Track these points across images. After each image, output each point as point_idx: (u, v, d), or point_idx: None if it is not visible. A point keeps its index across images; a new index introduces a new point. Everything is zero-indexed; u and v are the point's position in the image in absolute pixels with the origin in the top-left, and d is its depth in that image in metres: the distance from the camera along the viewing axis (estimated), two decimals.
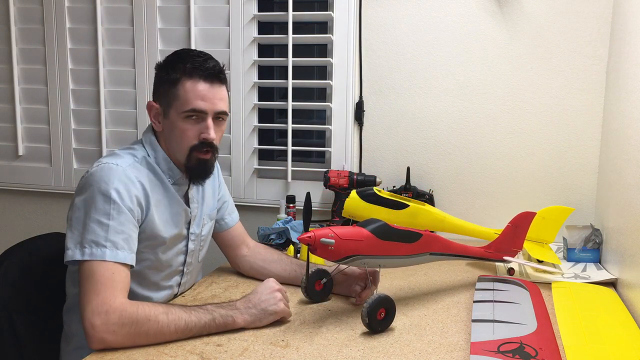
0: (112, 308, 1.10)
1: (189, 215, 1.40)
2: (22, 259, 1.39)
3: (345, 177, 2.00)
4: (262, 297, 1.23)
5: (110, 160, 1.25)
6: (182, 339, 1.15)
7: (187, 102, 1.28)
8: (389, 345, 1.14)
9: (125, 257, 1.18)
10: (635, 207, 1.40)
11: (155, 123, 1.34)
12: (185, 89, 1.28)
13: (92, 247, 1.15)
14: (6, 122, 2.42)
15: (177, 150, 1.33)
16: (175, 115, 1.30)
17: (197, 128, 1.30)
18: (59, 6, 2.29)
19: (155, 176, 1.32)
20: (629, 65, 1.60)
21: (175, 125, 1.30)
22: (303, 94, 2.26)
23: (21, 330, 1.34)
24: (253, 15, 2.14)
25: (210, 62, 1.31)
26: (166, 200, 1.34)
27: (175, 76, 1.29)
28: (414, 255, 1.31)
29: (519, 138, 2.00)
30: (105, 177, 1.21)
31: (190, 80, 1.28)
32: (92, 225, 1.17)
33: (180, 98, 1.29)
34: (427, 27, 2.02)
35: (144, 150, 1.35)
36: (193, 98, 1.28)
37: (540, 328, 1.15)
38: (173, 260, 1.38)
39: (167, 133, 1.33)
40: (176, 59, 1.32)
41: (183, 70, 1.29)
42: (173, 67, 1.30)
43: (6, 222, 2.50)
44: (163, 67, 1.33)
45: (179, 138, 1.31)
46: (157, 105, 1.33)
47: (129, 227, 1.21)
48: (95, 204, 1.19)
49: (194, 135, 1.31)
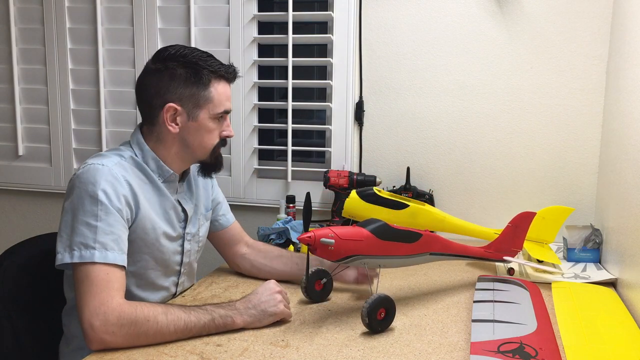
0: (110, 309, 1.10)
1: (182, 214, 1.40)
2: (22, 259, 1.39)
3: (345, 177, 2.00)
4: (263, 298, 1.23)
5: (95, 161, 1.24)
6: (181, 339, 1.15)
7: (220, 104, 1.33)
8: (389, 345, 1.14)
9: (115, 257, 1.17)
10: (635, 207, 1.40)
11: (171, 125, 1.30)
12: (218, 91, 1.32)
13: (81, 249, 1.15)
14: (6, 122, 2.42)
15: (200, 149, 1.35)
16: (207, 116, 1.32)
17: (219, 127, 1.35)
18: (59, 6, 2.29)
19: (144, 174, 1.32)
20: (629, 65, 1.60)
21: (204, 126, 1.32)
22: (303, 94, 2.26)
23: (21, 330, 1.34)
24: (253, 15, 2.14)
25: (226, 64, 1.35)
26: (157, 198, 1.33)
27: (207, 79, 1.30)
28: (414, 255, 1.31)
29: (519, 138, 2.00)
30: (91, 178, 1.20)
31: (220, 82, 1.33)
32: (80, 227, 1.16)
33: (214, 100, 1.31)
34: (427, 27, 2.02)
35: (131, 150, 1.34)
36: (224, 100, 1.34)
37: (540, 328, 1.15)
38: (169, 259, 1.38)
39: (188, 134, 1.32)
40: (195, 59, 1.30)
41: (213, 72, 1.31)
42: (198, 69, 1.29)
43: (6, 222, 2.50)
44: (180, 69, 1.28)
45: (207, 138, 1.34)
46: (179, 108, 1.30)
47: (118, 228, 1.20)
48: (83, 206, 1.18)
49: (218, 134, 1.36)
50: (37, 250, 1.44)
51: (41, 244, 1.47)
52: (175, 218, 1.38)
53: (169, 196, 1.36)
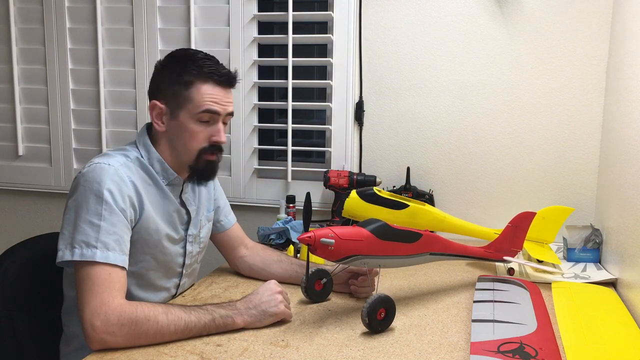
0: (111, 309, 1.10)
1: (185, 217, 1.40)
2: (22, 259, 1.39)
3: (345, 177, 2.00)
4: (263, 299, 1.23)
5: (102, 160, 1.24)
6: (182, 339, 1.15)
7: (201, 105, 1.28)
8: (389, 345, 1.14)
9: (116, 258, 1.17)
10: (635, 207, 1.40)
11: (157, 123, 1.32)
12: (201, 92, 1.28)
13: (82, 247, 1.15)
14: (6, 122, 2.42)
15: (184, 151, 1.32)
16: (187, 117, 1.29)
17: (208, 131, 1.31)
18: (59, 6, 2.29)
19: (148, 176, 1.31)
20: (629, 65, 1.60)
21: (185, 127, 1.30)
22: (303, 94, 2.26)
23: (21, 330, 1.34)
24: (253, 15, 2.14)
25: (223, 67, 1.32)
26: (160, 201, 1.33)
27: (189, 78, 1.28)
28: (414, 255, 1.31)
29: (519, 138, 2.00)
30: (97, 177, 1.20)
31: (206, 84, 1.28)
32: (83, 225, 1.16)
33: (194, 100, 1.28)
34: (427, 27, 2.02)
35: (137, 151, 1.33)
36: (208, 101, 1.28)
37: (540, 328, 1.15)
38: (171, 261, 1.38)
39: (173, 134, 1.32)
40: (187, 60, 1.30)
41: (199, 73, 1.28)
42: (185, 69, 1.29)
43: (6, 222, 2.50)
44: (171, 68, 1.31)
45: (189, 140, 1.30)
46: (162, 105, 1.31)
47: (120, 229, 1.20)
48: (87, 205, 1.18)
49: (205, 138, 1.31)
50: (37, 250, 1.44)
51: (41, 244, 1.47)
52: (178, 220, 1.38)
53: (172, 199, 1.36)
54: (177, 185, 1.37)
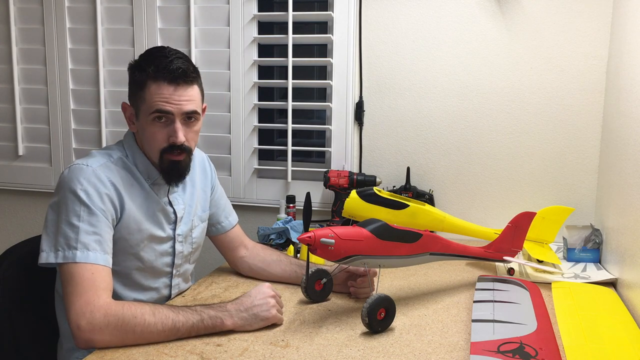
0: (96, 307, 1.10)
1: (172, 216, 1.39)
2: (22, 258, 1.39)
3: (345, 177, 2.00)
4: (255, 302, 1.21)
5: (81, 162, 1.26)
6: (171, 339, 1.14)
7: (152, 105, 1.25)
8: (389, 345, 1.14)
9: (97, 258, 1.17)
10: (635, 207, 1.40)
11: (130, 124, 1.34)
12: (150, 92, 1.25)
13: (64, 249, 1.16)
14: (6, 122, 2.42)
15: (149, 152, 1.32)
16: (144, 117, 1.28)
17: (166, 131, 1.28)
18: (59, 6, 2.29)
19: (131, 176, 1.32)
20: (629, 65, 1.60)
21: (144, 128, 1.29)
22: (303, 94, 2.26)
23: (20, 329, 1.34)
24: (253, 15, 2.14)
25: (175, 63, 1.25)
26: (144, 200, 1.32)
27: (142, 78, 1.27)
28: (414, 255, 1.31)
29: (519, 138, 2.00)
30: (74, 178, 1.21)
31: (155, 83, 1.25)
32: (63, 227, 1.18)
33: (146, 101, 1.27)
34: (427, 27, 2.02)
35: (122, 151, 1.34)
36: (157, 101, 1.25)
37: (540, 328, 1.15)
38: (157, 261, 1.37)
39: (140, 135, 1.32)
40: (144, 60, 1.29)
41: (147, 73, 1.26)
42: (140, 69, 1.28)
43: (6, 222, 2.50)
44: (132, 68, 1.31)
45: (150, 141, 1.30)
46: (129, 107, 1.33)
47: (101, 228, 1.20)
48: (66, 206, 1.19)
49: (164, 138, 1.28)
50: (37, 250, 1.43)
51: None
52: (165, 220, 1.37)
53: (156, 198, 1.35)
54: (163, 184, 1.37)
